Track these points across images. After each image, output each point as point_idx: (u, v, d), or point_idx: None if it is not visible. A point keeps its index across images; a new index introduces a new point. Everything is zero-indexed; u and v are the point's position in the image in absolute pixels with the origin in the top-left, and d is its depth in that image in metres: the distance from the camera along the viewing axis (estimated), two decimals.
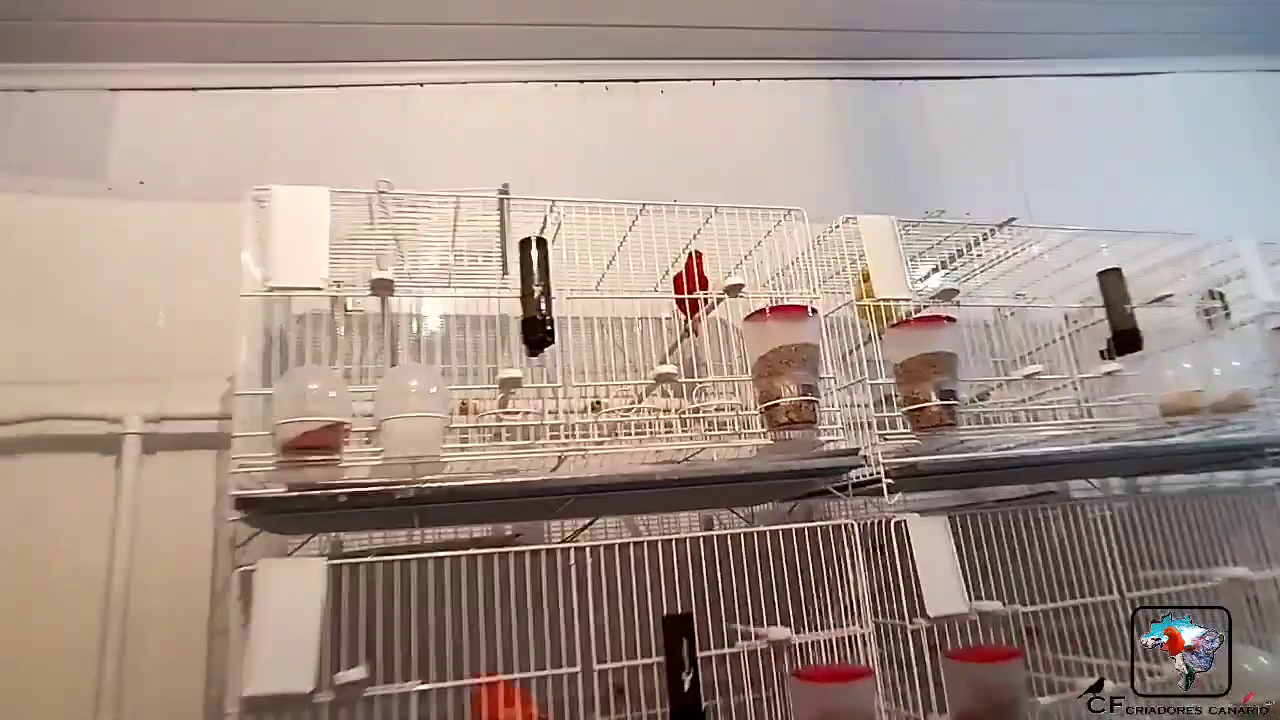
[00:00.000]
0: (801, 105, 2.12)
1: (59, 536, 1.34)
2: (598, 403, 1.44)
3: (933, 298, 1.42)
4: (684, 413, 1.29)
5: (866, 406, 1.31)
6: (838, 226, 1.43)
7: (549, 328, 1.14)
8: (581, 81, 1.96)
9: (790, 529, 1.22)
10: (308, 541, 1.35)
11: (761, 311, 1.24)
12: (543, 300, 1.15)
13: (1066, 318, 1.71)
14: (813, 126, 2.10)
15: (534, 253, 1.17)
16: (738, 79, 2.07)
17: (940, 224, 1.48)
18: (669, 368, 1.17)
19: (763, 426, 1.23)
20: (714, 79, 2.06)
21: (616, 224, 1.42)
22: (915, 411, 1.30)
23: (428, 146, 1.82)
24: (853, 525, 1.24)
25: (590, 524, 1.39)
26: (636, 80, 2.00)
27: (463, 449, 1.11)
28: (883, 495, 1.26)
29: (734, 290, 1.28)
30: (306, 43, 1.72)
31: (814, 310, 1.26)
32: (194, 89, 1.67)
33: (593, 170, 1.90)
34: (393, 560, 1.04)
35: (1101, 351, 1.51)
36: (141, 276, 1.49)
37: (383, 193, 1.17)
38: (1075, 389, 1.47)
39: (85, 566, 1.32)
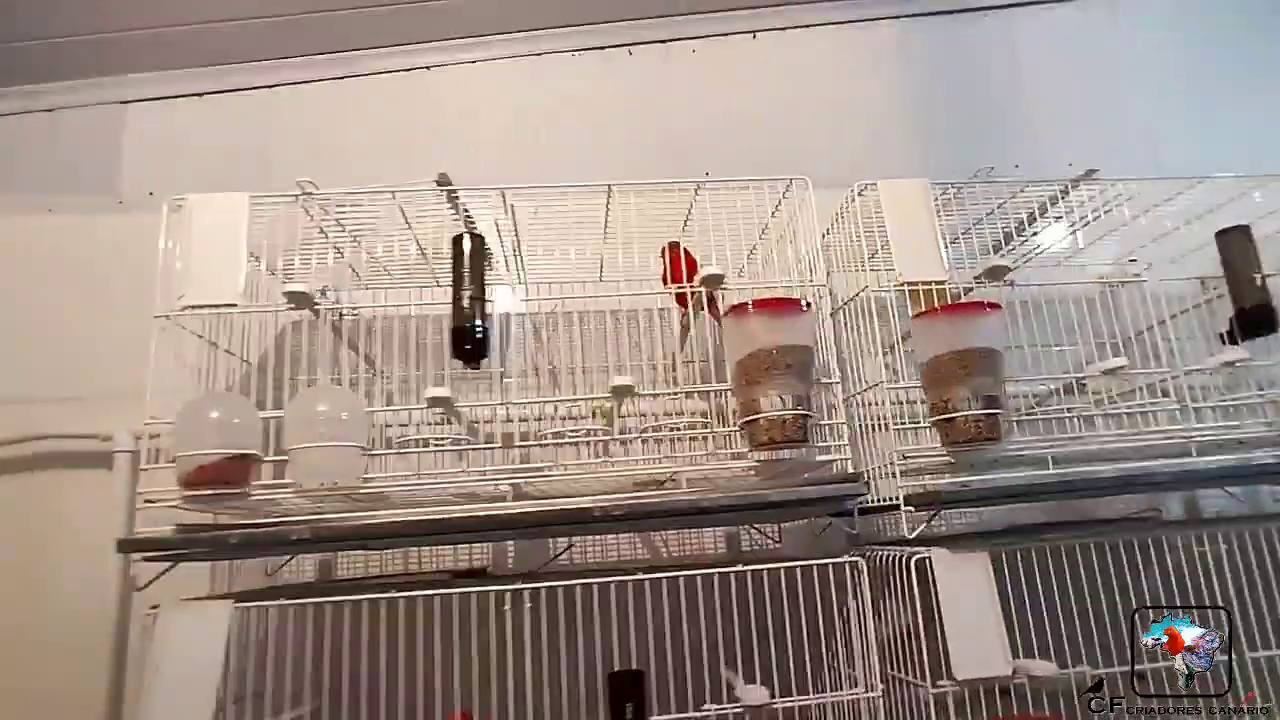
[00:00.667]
0: (862, 53, 1.82)
1: (60, 550, 1.36)
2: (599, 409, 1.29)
3: (978, 277, 1.14)
4: (651, 428, 1.11)
5: (878, 407, 1.08)
6: (858, 195, 1.18)
7: (480, 337, 1.00)
8: (603, 48, 1.77)
9: (779, 568, 1.01)
10: (284, 565, 1.31)
11: (742, 306, 1.04)
12: (476, 306, 1.01)
13: (1203, 283, 1.37)
14: (876, 78, 1.80)
15: (465, 251, 1.02)
16: (782, 28, 1.80)
17: (992, 184, 1.19)
18: (625, 380, 1.00)
19: (745, 445, 1.03)
20: (754, 31, 1.81)
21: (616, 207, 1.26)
22: (945, 422, 1.04)
23: (438, 132, 1.71)
24: (859, 563, 1.02)
25: (565, 550, 1.25)
26: (665, 41, 1.79)
27: (387, 479, 0.99)
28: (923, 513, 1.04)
29: (713, 281, 1.08)
30: (306, 35, 1.65)
31: (807, 304, 1.03)
32: (200, 94, 1.65)
33: (618, 144, 1.73)
34: (303, 604, 0.94)
35: (1221, 335, 1.17)
36: (141, 289, 1.48)
37: (308, 194, 1.06)
38: (1175, 385, 1.15)
39: (85, 579, 1.34)
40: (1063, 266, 1.40)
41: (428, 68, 1.74)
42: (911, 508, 1.02)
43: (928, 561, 1.00)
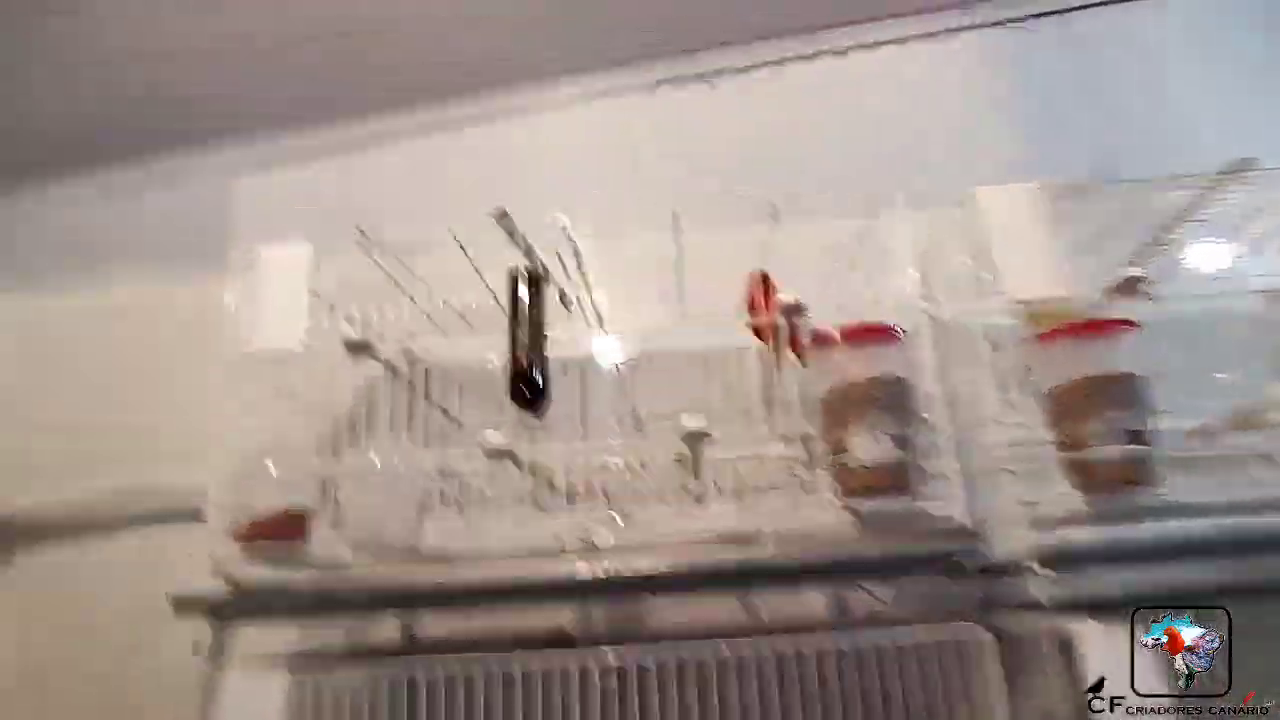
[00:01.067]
0: (966, 64, 1.67)
1: (159, 608, 1.37)
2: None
3: (1110, 290, 0.97)
4: (731, 478, 1.00)
5: (996, 448, 0.92)
6: (960, 208, 1.04)
7: (538, 383, 0.93)
8: (676, 79, 1.72)
9: (878, 646, 0.87)
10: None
11: (824, 335, 0.92)
12: (532, 350, 0.94)
13: None
14: (984, 89, 1.65)
15: (524, 288, 0.97)
16: (872, 44, 1.69)
17: (1118, 186, 1.02)
18: (696, 421, 0.90)
19: (837, 495, 0.90)
20: (845, 48, 1.70)
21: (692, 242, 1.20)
22: (1080, 463, 0.88)
23: (530, 176, 1.69)
24: (983, 637, 0.86)
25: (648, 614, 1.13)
26: (744, 69, 1.71)
27: (444, 535, 0.93)
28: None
29: (793, 311, 0.96)
30: (392, 92, 1.70)
31: (900, 330, 0.91)
32: (299, 157, 1.71)
33: (704, 178, 1.65)
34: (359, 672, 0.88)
35: None
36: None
37: (367, 240, 1.04)
38: None
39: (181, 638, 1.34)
40: (1216, 280, 1.20)
41: (517, 111, 1.73)
42: (1046, 569, 0.85)
43: (1070, 641, 0.84)
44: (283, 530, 0.89)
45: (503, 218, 1.03)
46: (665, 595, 1.04)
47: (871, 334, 0.91)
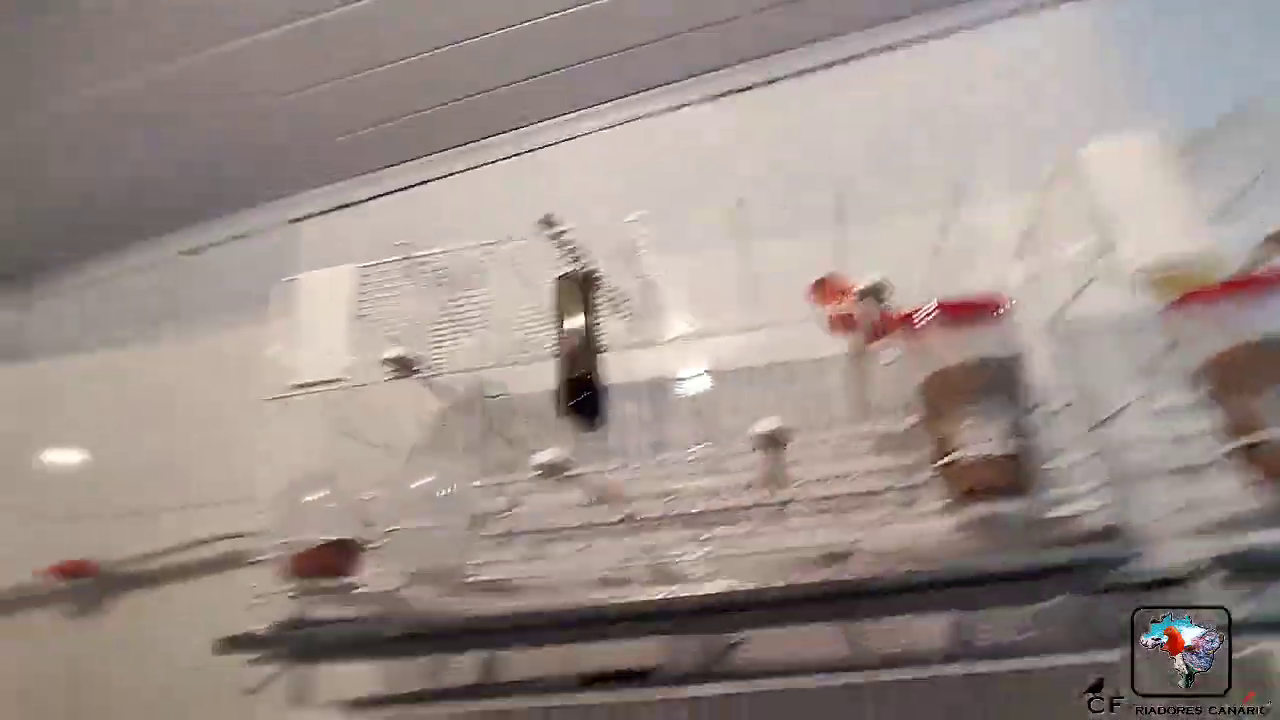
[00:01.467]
0: (1045, 43, 1.52)
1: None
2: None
3: (1274, 240, 0.81)
4: (814, 488, 0.87)
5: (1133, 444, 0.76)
6: (1069, 166, 0.90)
7: (592, 392, 0.84)
8: (717, 96, 1.63)
9: (1009, 675, 0.72)
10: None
11: (914, 315, 0.80)
12: (584, 357, 0.86)
13: None
14: (1074, 65, 1.49)
15: (570, 297, 0.89)
16: (940, 32, 1.56)
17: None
18: (770, 423, 0.79)
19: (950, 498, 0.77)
20: (922, 38, 1.57)
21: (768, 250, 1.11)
22: (1252, 449, 0.71)
23: (594, 198, 1.63)
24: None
25: (735, 645, 1.01)
26: (800, 73, 1.62)
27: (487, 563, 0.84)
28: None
29: (871, 292, 0.85)
30: (439, 131, 1.69)
31: (1005, 304, 0.77)
32: (355, 203, 1.72)
33: (758, 190, 1.54)
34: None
35: None
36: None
37: (409, 259, 0.99)
38: None
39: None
40: None
41: (571, 139, 1.69)
42: (1223, 579, 0.69)
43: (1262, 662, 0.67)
44: (333, 563, 0.83)
45: (548, 224, 0.96)
46: (753, 625, 0.91)
47: (971, 310, 0.78)
